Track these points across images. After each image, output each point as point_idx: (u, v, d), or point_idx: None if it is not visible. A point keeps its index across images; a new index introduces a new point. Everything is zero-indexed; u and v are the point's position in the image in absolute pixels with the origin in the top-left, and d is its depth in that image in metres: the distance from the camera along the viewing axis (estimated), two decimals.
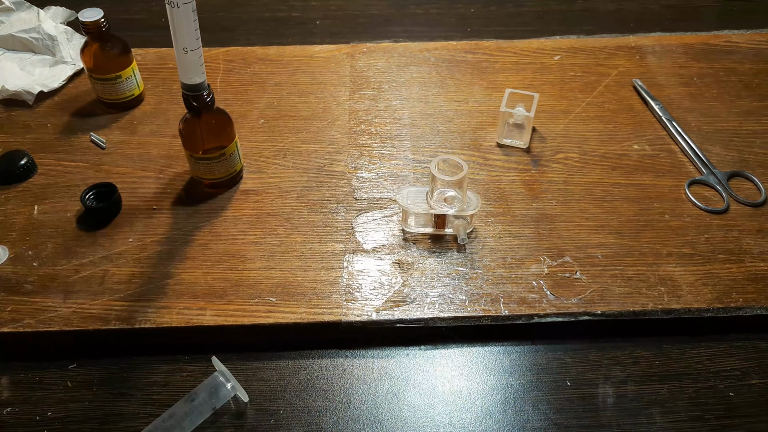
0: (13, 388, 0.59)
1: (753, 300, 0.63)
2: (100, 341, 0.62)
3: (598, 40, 0.96)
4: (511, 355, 0.62)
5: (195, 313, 0.62)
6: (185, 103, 0.66)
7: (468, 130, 0.82)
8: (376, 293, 0.64)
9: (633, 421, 0.57)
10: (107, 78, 0.80)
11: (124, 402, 0.58)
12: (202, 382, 0.57)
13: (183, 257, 0.67)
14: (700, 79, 0.89)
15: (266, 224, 0.70)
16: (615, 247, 0.68)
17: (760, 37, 0.97)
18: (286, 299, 0.63)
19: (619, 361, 0.61)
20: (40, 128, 0.82)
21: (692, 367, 0.61)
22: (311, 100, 0.85)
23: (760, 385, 0.59)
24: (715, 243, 0.68)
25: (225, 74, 0.89)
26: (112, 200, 0.70)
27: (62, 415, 0.57)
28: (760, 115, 0.84)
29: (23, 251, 0.67)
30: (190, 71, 0.64)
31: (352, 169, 0.76)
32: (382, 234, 0.69)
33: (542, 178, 0.75)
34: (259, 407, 0.58)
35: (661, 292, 0.64)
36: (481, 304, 0.63)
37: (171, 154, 0.78)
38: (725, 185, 0.74)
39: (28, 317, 0.61)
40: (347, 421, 0.57)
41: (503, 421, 0.57)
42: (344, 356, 0.62)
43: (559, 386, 0.59)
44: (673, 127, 0.81)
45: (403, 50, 0.94)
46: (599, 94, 0.87)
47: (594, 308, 0.62)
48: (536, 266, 0.66)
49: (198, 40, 0.62)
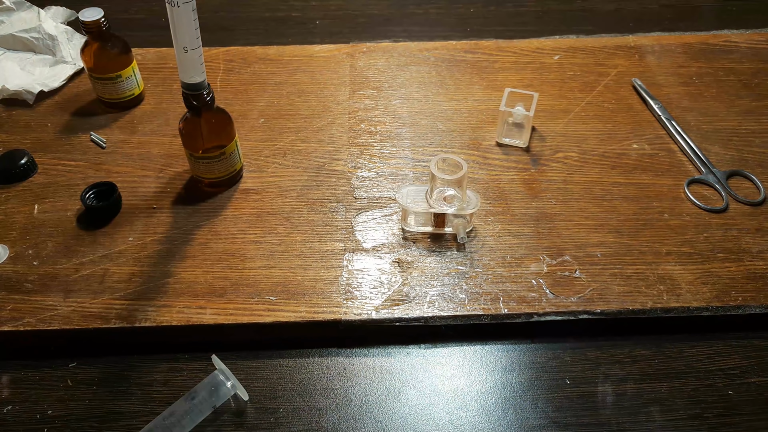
0: (14, 387, 0.59)
1: (752, 298, 0.63)
2: (101, 340, 0.62)
3: (598, 40, 0.96)
4: (510, 354, 0.62)
5: (195, 312, 0.62)
6: (185, 102, 0.67)
7: (467, 130, 0.82)
8: (376, 292, 0.64)
9: (632, 420, 0.57)
10: (107, 77, 0.80)
11: (124, 400, 0.58)
12: (202, 381, 0.57)
13: (183, 256, 0.67)
14: (699, 78, 0.89)
15: (266, 223, 0.70)
16: (614, 246, 0.68)
17: (759, 36, 0.97)
18: (285, 298, 0.63)
19: (618, 359, 0.61)
20: (40, 128, 0.82)
21: (691, 366, 0.61)
22: (311, 100, 0.86)
23: (759, 383, 0.59)
24: (714, 242, 0.69)
25: (225, 74, 0.90)
26: (112, 199, 0.70)
27: (62, 414, 0.57)
28: (759, 114, 0.84)
29: (23, 250, 0.67)
30: (191, 70, 0.64)
31: (352, 168, 0.77)
32: (382, 233, 0.69)
33: (542, 178, 0.75)
34: (259, 405, 0.58)
35: (661, 291, 0.64)
36: (480, 303, 0.63)
37: (171, 153, 0.78)
38: (724, 184, 0.74)
39: (28, 316, 0.61)
40: (347, 419, 0.57)
41: (502, 419, 0.57)
42: (344, 355, 0.62)
43: (558, 385, 0.59)
44: (673, 127, 0.81)
45: (402, 50, 0.94)
46: (598, 93, 0.87)
47: (593, 307, 0.63)
48: (536, 265, 0.66)
49: (198, 39, 0.62)
